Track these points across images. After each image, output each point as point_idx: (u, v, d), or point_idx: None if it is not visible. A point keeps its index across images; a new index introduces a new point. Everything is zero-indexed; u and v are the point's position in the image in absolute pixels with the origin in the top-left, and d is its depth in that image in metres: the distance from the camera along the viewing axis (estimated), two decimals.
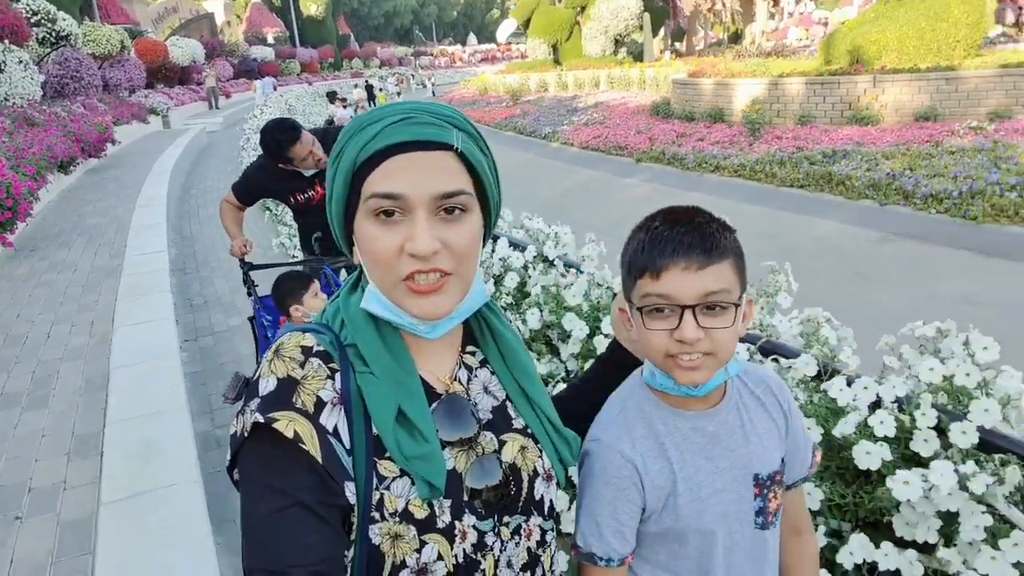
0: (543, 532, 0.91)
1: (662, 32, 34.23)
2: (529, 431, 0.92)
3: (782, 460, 1.07)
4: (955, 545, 1.58)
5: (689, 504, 0.99)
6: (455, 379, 0.89)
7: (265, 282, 3.24)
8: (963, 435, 1.64)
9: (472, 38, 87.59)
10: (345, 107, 16.94)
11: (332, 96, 20.24)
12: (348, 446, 0.76)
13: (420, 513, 0.78)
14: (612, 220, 8.39)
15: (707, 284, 0.90)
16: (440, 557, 0.79)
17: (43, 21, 17.19)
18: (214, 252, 7.56)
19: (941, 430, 1.69)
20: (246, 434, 0.73)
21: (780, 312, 2.46)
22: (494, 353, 0.93)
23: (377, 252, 0.77)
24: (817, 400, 1.89)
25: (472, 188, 0.80)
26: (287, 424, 0.72)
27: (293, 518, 0.70)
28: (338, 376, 0.78)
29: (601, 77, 27.32)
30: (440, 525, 0.79)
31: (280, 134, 3.22)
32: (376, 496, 0.76)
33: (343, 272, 3.63)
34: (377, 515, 0.76)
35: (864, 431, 1.73)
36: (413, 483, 0.78)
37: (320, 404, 0.75)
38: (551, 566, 0.94)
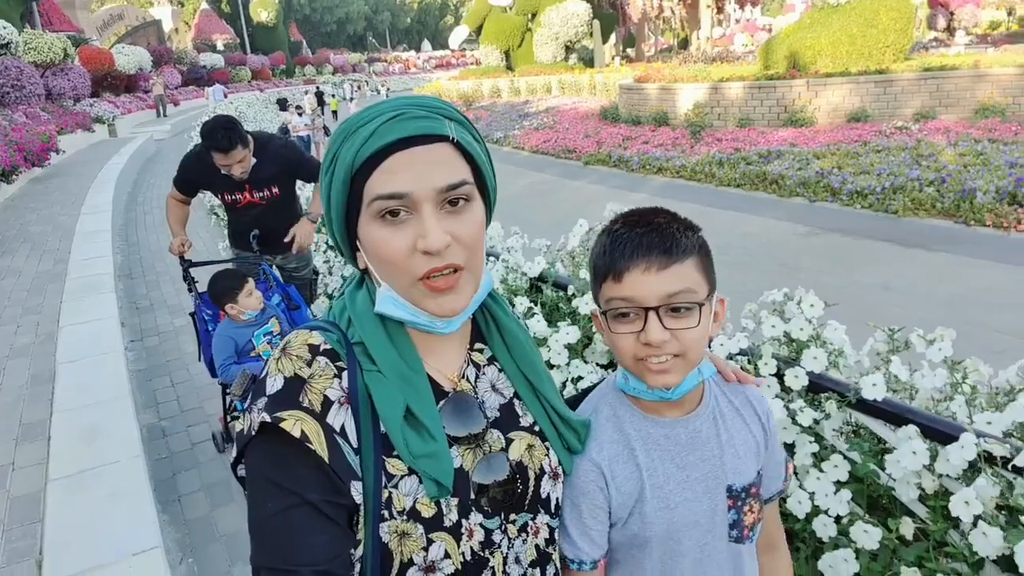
0: (551, 530, 0.92)
1: (613, 38, 34.97)
2: (536, 428, 0.92)
3: (759, 473, 1.05)
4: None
5: (657, 512, 0.98)
6: (463, 377, 0.89)
7: (205, 278, 3.43)
8: (795, 379, 1.96)
9: (426, 44, 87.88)
10: (301, 115, 16.72)
11: (283, 103, 19.53)
12: (355, 445, 0.76)
13: (427, 511, 0.79)
14: (555, 220, 8.72)
15: (669, 285, 0.89)
16: (447, 555, 0.80)
17: None
18: (160, 257, 7.67)
19: (780, 375, 2.02)
20: (253, 432, 0.74)
21: None
22: (501, 348, 0.93)
23: (389, 254, 0.77)
24: None
25: (472, 177, 0.80)
26: (294, 423, 0.73)
27: (300, 517, 0.71)
28: (345, 375, 0.79)
29: (553, 83, 27.84)
30: (447, 523, 0.80)
31: (212, 139, 3.24)
32: (385, 494, 0.77)
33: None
34: (385, 513, 0.77)
35: None
36: (421, 481, 0.78)
37: (327, 403, 0.76)
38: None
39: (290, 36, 58.59)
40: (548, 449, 0.92)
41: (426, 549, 0.78)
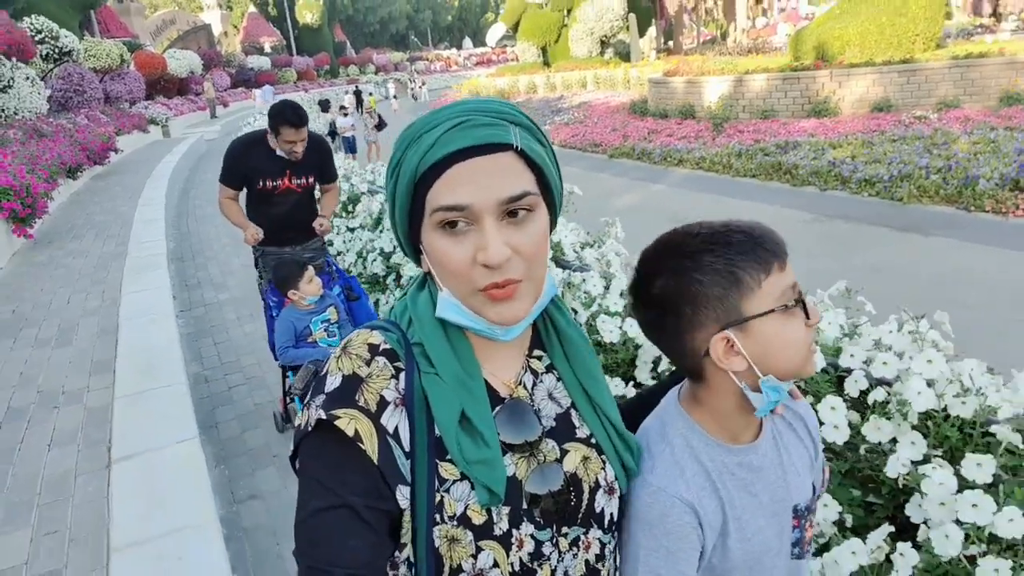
0: (602, 545, 0.91)
1: (653, 31, 35.32)
2: (593, 441, 0.91)
3: (814, 487, 1.06)
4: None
5: (737, 544, 0.96)
6: (520, 384, 0.88)
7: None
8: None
9: (467, 42, 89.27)
10: (346, 115, 16.82)
11: (325, 105, 19.47)
12: (407, 449, 0.77)
13: (478, 519, 0.79)
14: (574, 211, 9.41)
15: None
16: (496, 564, 0.80)
17: (47, 39, 18.40)
18: (208, 244, 8.63)
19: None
20: (309, 428, 0.76)
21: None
22: (560, 356, 0.93)
23: (450, 265, 0.78)
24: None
25: (535, 186, 0.79)
26: (348, 422, 0.75)
27: (339, 519, 0.73)
28: (403, 376, 0.80)
29: (588, 78, 28.39)
30: (497, 532, 0.80)
31: (284, 116, 3.54)
32: (436, 498, 0.78)
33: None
34: (437, 517, 0.77)
35: None
36: (473, 488, 0.79)
37: (383, 404, 0.77)
38: None
39: (334, 37, 60.39)
40: (604, 463, 0.91)
41: (475, 557, 0.79)
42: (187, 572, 2.27)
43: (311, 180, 3.89)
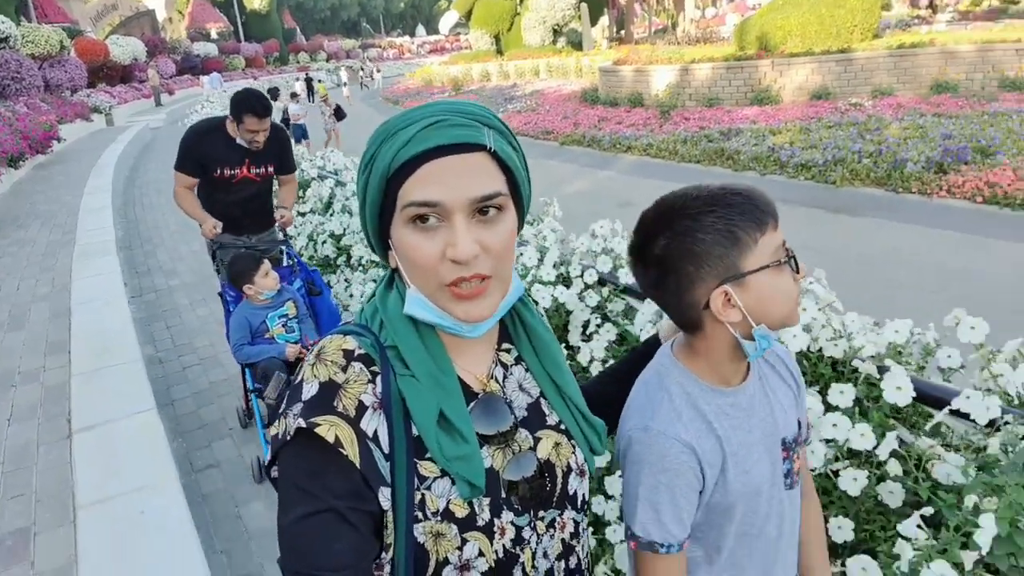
0: (576, 524, 0.96)
1: (606, 20, 35.71)
2: (563, 427, 0.95)
3: (799, 422, 1.14)
4: None
5: (737, 478, 1.03)
6: (491, 377, 0.91)
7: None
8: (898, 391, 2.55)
9: (421, 29, 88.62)
10: (297, 102, 16.60)
11: (274, 93, 18.84)
12: (386, 451, 0.79)
13: (461, 512, 0.81)
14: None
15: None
16: (481, 553, 0.83)
17: None
18: (156, 232, 8.64)
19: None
20: (288, 437, 0.77)
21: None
22: (527, 348, 0.96)
23: (418, 259, 0.79)
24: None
25: (506, 187, 0.82)
26: (328, 429, 0.75)
27: (324, 523, 0.74)
28: (379, 379, 0.81)
29: (540, 66, 28.63)
30: (480, 523, 0.83)
31: (248, 104, 3.48)
32: (418, 496, 0.80)
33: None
34: (420, 514, 0.80)
35: None
36: (453, 483, 0.81)
37: (362, 408, 0.78)
38: (584, 555, 1.00)
39: (283, 23, 59.36)
40: (574, 447, 0.95)
41: (460, 549, 0.81)
42: (150, 525, 2.44)
43: (270, 170, 3.83)
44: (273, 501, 2.58)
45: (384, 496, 0.78)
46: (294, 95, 17.43)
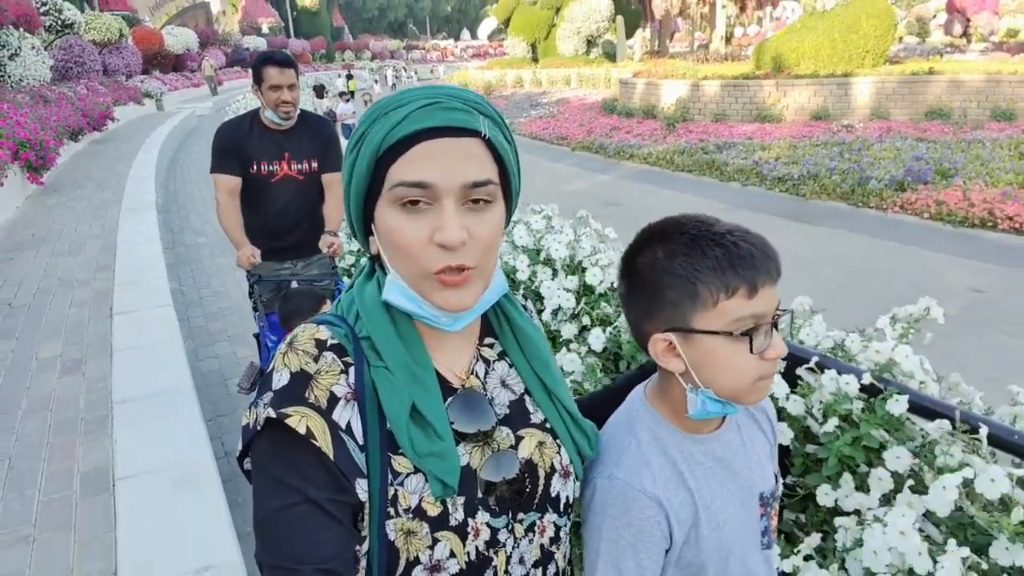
0: (557, 529, 0.93)
1: (648, 33, 36.90)
2: (548, 425, 0.93)
3: (775, 475, 1.09)
4: None
5: (710, 534, 0.97)
6: (472, 373, 0.90)
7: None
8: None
9: (465, 33, 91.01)
10: (348, 100, 16.35)
11: (320, 91, 18.44)
12: (361, 443, 0.78)
13: (433, 510, 0.80)
14: (527, 194, 10.91)
15: (777, 294, 0.91)
16: (452, 555, 0.81)
17: (51, 11, 19.75)
18: (191, 200, 10.21)
19: None
20: (258, 427, 0.76)
21: None
22: (512, 345, 0.95)
23: (404, 243, 0.78)
24: None
25: (497, 177, 0.80)
26: (299, 420, 0.75)
27: (303, 515, 0.73)
28: (352, 370, 0.80)
29: (572, 75, 29.96)
30: (452, 523, 0.81)
31: (268, 56, 3.22)
32: (391, 492, 0.79)
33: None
34: (391, 511, 0.79)
35: None
36: (427, 480, 0.80)
37: (333, 399, 0.78)
38: (565, 563, 0.97)
39: (332, 21, 61.77)
40: (559, 447, 0.93)
41: (431, 548, 0.80)
42: (158, 363, 3.78)
43: (314, 166, 3.34)
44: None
45: (361, 488, 0.78)
46: (343, 94, 17.53)
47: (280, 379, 0.78)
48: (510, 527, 0.87)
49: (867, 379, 1.65)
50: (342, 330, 0.83)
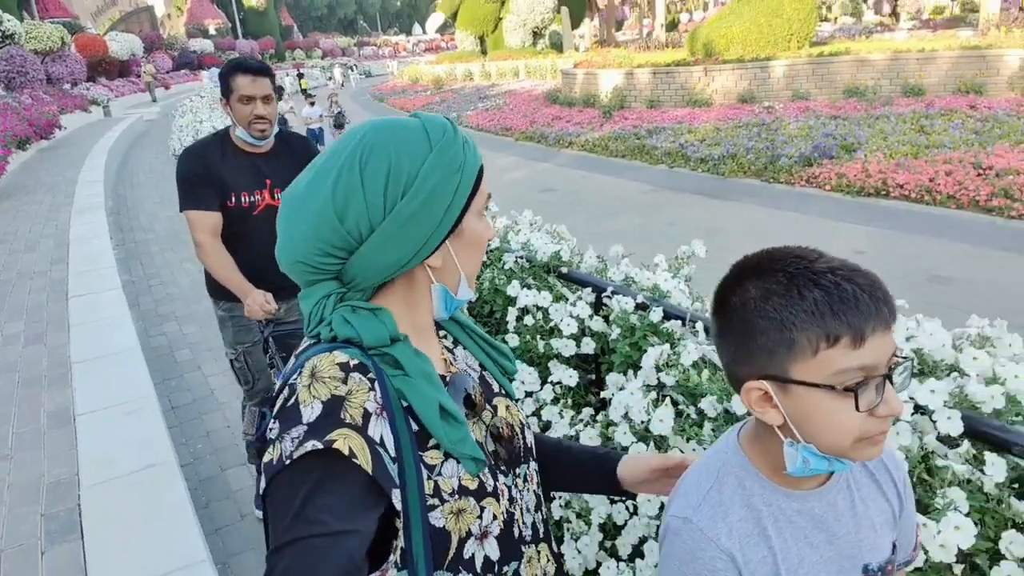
0: (536, 474, 1.10)
1: (596, 23, 37.79)
2: (504, 392, 1.10)
3: (893, 546, 0.98)
4: None
5: None
6: (448, 362, 1.04)
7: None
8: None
9: (416, 28, 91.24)
10: (313, 104, 15.88)
11: (279, 92, 17.83)
12: (393, 454, 0.84)
13: (472, 484, 0.91)
14: None
15: (892, 343, 0.81)
16: (494, 517, 0.94)
17: None
18: (139, 203, 10.79)
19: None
20: (287, 462, 0.78)
21: None
22: (456, 330, 1.10)
23: (484, 242, 0.98)
24: None
25: None
26: (343, 441, 0.79)
27: (312, 549, 0.76)
28: (377, 385, 0.86)
29: (520, 67, 30.69)
30: (489, 489, 0.94)
31: (239, 63, 2.72)
32: (430, 485, 0.87)
33: None
34: (437, 500, 0.87)
35: None
36: (458, 462, 0.90)
37: (367, 416, 0.83)
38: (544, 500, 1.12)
39: (281, 20, 61.65)
40: (517, 404, 1.10)
41: (480, 517, 0.92)
42: (110, 330, 4.44)
43: None
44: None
45: (396, 497, 0.83)
46: (309, 96, 17.00)
47: (312, 411, 0.80)
48: (514, 482, 1.01)
49: (640, 299, 2.36)
50: (355, 350, 0.88)
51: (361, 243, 0.88)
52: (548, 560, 1.07)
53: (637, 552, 2.00)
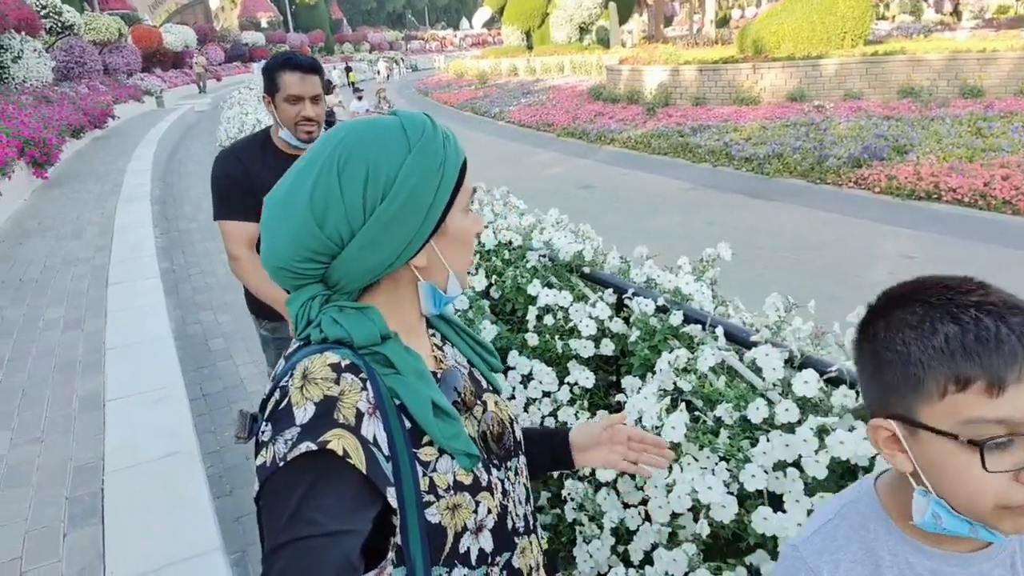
0: (524, 467, 1.11)
1: (644, 18, 37.38)
2: (492, 387, 1.11)
3: None
4: None
5: None
6: (438, 359, 1.04)
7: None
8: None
9: (464, 22, 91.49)
10: (360, 98, 15.99)
11: (329, 86, 16.83)
12: (387, 453, 0.84)
13: (467, 479, 0.92)
14: (501, 179, 11.59)
15: None
16: (489, 511, 0.94)
17: (51, 14, 20.58)
18: (186, 192, 10.99)
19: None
20: (280, 464, 0.78)
21: None
22: (443, 325, 1.10)
23: (470, 238, 0.97)
24: None
25: None
26: (337, 441, 0.79)
27: (308, 551, 0.76)
28: (369, 384, 0.85)
29: (565, 63, 30.51)
30: (483, 483, 0.94)
31: (286, 58, 2.48)
32: (425, 481, 0.87)
33: None
34: (432, 497, 0.87)
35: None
36: (452, 457, 0.91)
37: (359, 415, 0.82)
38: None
39: (331, 14, 62.46)
40: (504, 399, 1.12)
41: (475, 512, 0.92)
42: (145, 316, 4.54)
43: None
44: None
45: (391, 496, 0.83)
46: (357, 90, 17.02)
47: (305, 413, 0.80)
48: (506, 475, 1.02)
49: (661, 301, 2.29)
50: (345, 351, 0.87)
51: (343, 248, 0.87)
52: (538, 550, 1.09)
53: (648, 559, 1.95)
